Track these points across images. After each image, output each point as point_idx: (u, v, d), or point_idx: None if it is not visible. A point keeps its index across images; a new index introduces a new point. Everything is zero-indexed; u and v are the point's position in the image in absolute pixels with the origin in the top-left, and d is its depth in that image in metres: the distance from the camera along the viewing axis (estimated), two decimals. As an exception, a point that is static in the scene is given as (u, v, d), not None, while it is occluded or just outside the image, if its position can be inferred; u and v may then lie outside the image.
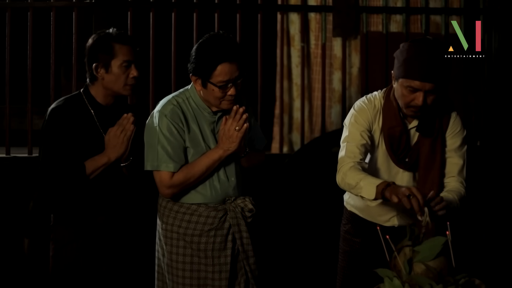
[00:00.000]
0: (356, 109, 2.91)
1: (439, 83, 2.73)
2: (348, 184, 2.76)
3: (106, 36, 2.96)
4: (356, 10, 4.89)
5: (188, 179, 2.84)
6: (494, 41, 5.07)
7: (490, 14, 5.04)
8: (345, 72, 4.91)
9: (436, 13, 5.02)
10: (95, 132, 2.97)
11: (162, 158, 2.81)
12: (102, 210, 2.99)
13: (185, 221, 2.89)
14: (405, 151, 2.88)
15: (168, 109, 2.85)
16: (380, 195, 2.65)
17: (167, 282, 2.93)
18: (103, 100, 3.00)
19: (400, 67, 2.76)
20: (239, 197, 2.94)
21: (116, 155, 2.94)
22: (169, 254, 2.90)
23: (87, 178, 2.91)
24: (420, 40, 2.78)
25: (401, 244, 2.25)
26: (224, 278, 2.88)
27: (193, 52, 2.82)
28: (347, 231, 3.07)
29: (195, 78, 2.83)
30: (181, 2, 4.76)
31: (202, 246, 2.88)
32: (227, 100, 2.82)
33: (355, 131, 2.85)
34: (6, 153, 4.57)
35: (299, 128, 4.90)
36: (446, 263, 2.16)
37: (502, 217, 4.60)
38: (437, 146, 2.87)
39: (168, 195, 2.87)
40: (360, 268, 3.00)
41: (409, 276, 2.15)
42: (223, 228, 2.90)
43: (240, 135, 2.81)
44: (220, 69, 2.76)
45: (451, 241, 2.14)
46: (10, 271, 4.27)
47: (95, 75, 2.96)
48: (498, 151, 4.86)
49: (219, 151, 2.84)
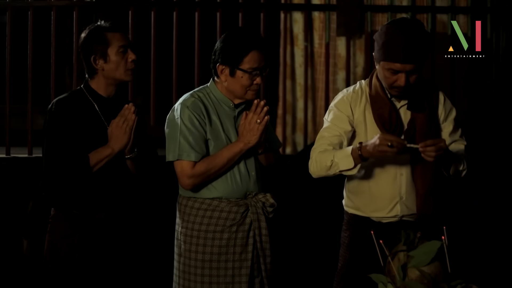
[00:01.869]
0: (334, 101, 2.97)
1: (420, 62, 2.79)
2: (323, 168, 2.82)
3: (96, 28, 3.00)
4: (361, 8, 4.84)
5: (209, 169, 2.85)
6: (502, 40, 5.00)
7: (498, 13, 4.99)
8: (349, 72, 4.87)
9: (442, 11, 4.98)
10: (99, 124, 2.98)
11: (183, 148, 2.85)
12: (102, 207, 2.98)
13: (206, 217, 2.90)
14: (398, 128, 2.89)
15: (190, 101, 2.90)
16: (359, 160, 2.75)
17: (181, 282, 2.92)
18: (105, 91, 3.01)
19: (380, 50, 2.81)
20: (260, 193, 2.96)
21: (119, 146, 2.94)
22: (188, 252, 2.91)
23: (91, 170, 2.91)
24: (398, 21, 2.83)
25: (396, 249, 2.20)
26: (244, 274, 2.89)
27: (220, 43, 2.89)
28: (348, 237, 3.03)
29: (222, 68, 2.88)
30: (182, 1, 4.75)
31: (223, 242, 2.88)
32: (252, 90, 2.89)
33: (329, 123, 2.91)
34: (6, 153, 4.57)
35: (303, 129, 4.88)
36: (441, 268, 2.11)
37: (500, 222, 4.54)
38: (431, 120, 2.90)
39: (188, 185, 2.88)
40: (360, 274, 2.96)
41: (403, 282, 2.10)
42: (245, 224, 2.91)
43: (261, 128, 2.85)
44: (251, 55, 2.84)
45: (446, 246, 2.09)
46: (9, 272, 4.26)
47: (95, 67, 2.97)
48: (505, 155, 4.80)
49: (240, 144, 2.87)
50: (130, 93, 4.55)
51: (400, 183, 2.92)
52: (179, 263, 2.94)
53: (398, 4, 4.96)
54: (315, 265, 4.31)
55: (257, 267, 2.93)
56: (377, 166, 2.92)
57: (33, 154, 4.57)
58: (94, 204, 2.95)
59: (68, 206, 2.95)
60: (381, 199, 2.94)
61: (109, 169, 2.95)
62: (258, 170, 2.97)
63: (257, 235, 2.91)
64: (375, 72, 2.93)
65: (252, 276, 2.91)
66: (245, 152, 2.89)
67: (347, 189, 3.05)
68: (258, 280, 2.93)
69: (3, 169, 4.46)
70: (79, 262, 2.95)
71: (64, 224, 2.96)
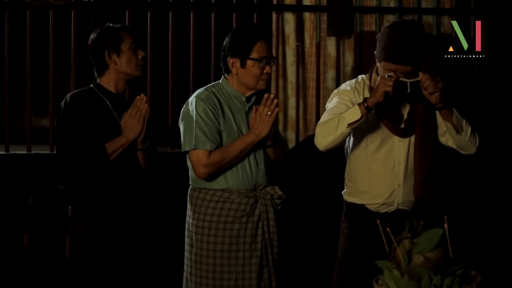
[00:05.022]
0: (338, 89, 3.10)
1: (418, 64, 2.93)
2: (331, 129, 2.91)
3: (108, 27, 3.11)
4: (350, 10, 4.95)
5: (224, 159, 2.96)
6: (485, 41, 5.13)
7: (481, 14, 5.11)
8: (339, 71, 4.97)
9: (428, 13, 5.09)
10: (112, 119, 3.05)
11: (199, 138, 2.95)
12: (120, 200, 3.03)
13: (217, 208, 2.99)
14: (398, 118, 3.03)
15: (204, 95, 3.02)
16: (365, 111, 2.87)
17: (193, 272, 3.00)
18: (115, 88, 3.08)
19: (381, 51, 2.96)
20: (269, 185, 3.06)
21: (133, 135, 3.01)
22: (200, 243, 2.98)
23: (108, 158, 2.96)
24: (400, 24, 2.96)
25: (401, 237, 2.30)
26: (254, 263, 2.99)
27: (229, 38, 3.04)
28: (347, 228, 3.14)
29: (233, 61, 3.02)
30: (178, 2, 4.81)
31: (234, 233, 2.98)
32: (263, 79, 3.03)
33: (334, 104, 3.02)
34: (5, 150, 4.60)
35: (294, 126, 4.97)
36: (443, 254, 2.20)
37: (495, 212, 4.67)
38: (430, 109, 3.02)
39: (203, 174, 2.97)
40: (359, 263, 3.07)
41: (408, 267, 2.19)
42: (254, 215, 3.01)
43: (272, 120, 2.98)
44: (259, 44, 3.00)
45: (448, 234, 2.20)
46: (10, 267, 4.28)
47: (107, 63, 3.05)
48: (491, 152, 4.93)
49: (252, 136, 2.98)
50: (127, 92, 4.62)
51: (398, 171, 3.06)
52: (190, 253, 3.02)
53: (386, 6, 5.07)
54: (315, 255, 4.37)
55: (266, 257, 3.02)
56: (377, 155, 3.06)
57: (31, 151, 4.61)
58: (111, 199, 3.00)
59: (86, 202, 2.99)
60: (380, 187, 3.06)
61: (122, 162, 3.01)
62: (266, 163, 3.09)
63: (266, 226, 3.01)
64: (375, 68, 3.07)
65: (261, 266, 3.01)
66: (255, 145, 3.00)
67: (347, 178, 3.17)
68: (266, 270, 3.02)
69: (2, 166, 4.49)
70: (102, 258, 2.99)
71: (84, 223, 3.00)
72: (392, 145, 3.06)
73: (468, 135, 3.02)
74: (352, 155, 3.13)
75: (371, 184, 3.07)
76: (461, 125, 3.01)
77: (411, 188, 3.06)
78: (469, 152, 3.08)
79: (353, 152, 3.12)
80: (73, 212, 3.04)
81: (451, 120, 2.99)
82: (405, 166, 3.06)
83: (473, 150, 3.07)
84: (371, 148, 3.06)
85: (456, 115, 2.99)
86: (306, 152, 4.63)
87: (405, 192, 3.07)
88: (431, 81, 2.88)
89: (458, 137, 3.02)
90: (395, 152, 3.06)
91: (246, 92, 3.06)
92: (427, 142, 3.03)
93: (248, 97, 3.08)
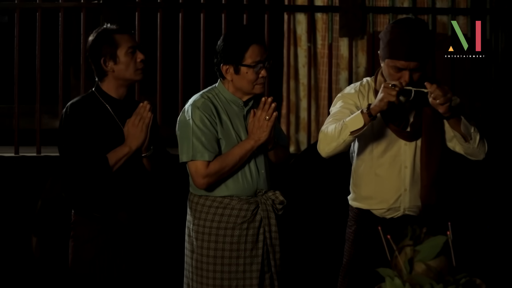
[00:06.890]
0: (342, 92, 3.05)
1: (423, 60, 2.87)
2: (333, 136, 2.87)
3: (104, 30, 3.03)
4: (363, 10, 4.90)
5: (223, 168, 2.91)
6: (501, 41, 5.06)
7: (497, 14, 5.04)
8: (351, 72, 4.93)
9: (442, 13, 5.03)
10: (114, 125, 3.01)
11: (197, 148, 2.90)
12: (124, 205, 3.01)
13: (218, 215, 2.95)
14: (404, 122, 2.98)
15: (200, 102, 2.95)
16: (368, 119, 2.80)
17: (194, 278, 2.98)
18: (116, 93, 3.03)
19: (385, 48, 2.89)
20: (270, 190, 3.02)
21: (137, 144, 2.97)
22: (200, 249, 2.96)
23: (110, 170, 2.94)
24: (402, 20, 2.94)
25: (402, 244, 2.26)
26: (255, 270, 2.96)
27: (220, 44, 2.96)
28: (353, 233, 3.10)
29: (226, 68, 2.94)
30: (188, 3, 4.80)
31: (235, 239, 2.95)
32: (259, 83, 2.95)
33: (337, 109, 2.98)
34: (15, 152, 4.61)
35: (306, 128, 4.93)
36: (446, 262, 2.16)
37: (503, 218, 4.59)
38: (437, 112, 2.94)
39: (203, 185, 2.93)
40: (364, 270, 3.03)
41: (410, 276, 2.15)
42: (255, 221, 2.97)
43: (270, 124, 2.91)
44: (251, 50, 2.91)
45: (452, 241, 2.15)
46: (18, 270, 4.29)
47: (104, 69, 3.00)
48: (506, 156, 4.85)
49: (250, 142, 2.92)
50: (137, 94, 4.61)
51: (404, 175, 3.00)
52: (191, 259, 3.00)
53: (400, 6, 5.01)
54: (321, 260, 4.35)
55: (267, 263, 2.99)
56: (383, 159, 3.01)
57: (41, 153, 4.61)
58: (114, 204, 2.97)
59: (89, 208, 2.97)
60: (386, 191, 3.01)
61: (126, 168, 2.98)
62: (267, 168, 3.04)
63: (267, 231, 2.97)
64: (380, 70, 3.01)
65: (263, 272, 2.97)
66: (255, 150, 2.95)
67: (352, 183, 3.13)
68: (268, 275, 2.99)
69: (12, 168, 4.50)
70: (104, 264, 2.97)
71: (87, 228, 2.98)
72: (398, 149, 3.00)
73: (477, 143, 2.96)
74: (357, 159, 3.08)
75: (377, 189, 3.02)
76: (469, 133, 2.94)
77: (417, 193, 3.00)
78: (477, 158, 3.01)
79: (358, 157, 3.07)
80: (76, 216, 3.03)
81: (459, 129, 2.93)
82: (411, 171, 3.00)
83: (482, 157, 3.00)
84: (377, 152, 3.00)
85: (464, 123, 2.93)
86: (317, 154, 4.58)
87: (412, 197, 3.01)
88: (439, 91, 2.81)
89: (466, 145, 2.96)
90: (401, 156, 3.00)
91: (243, 96, 3.01)
92: (434, 145, 2.97)
93: (246, 101, 3.02)
